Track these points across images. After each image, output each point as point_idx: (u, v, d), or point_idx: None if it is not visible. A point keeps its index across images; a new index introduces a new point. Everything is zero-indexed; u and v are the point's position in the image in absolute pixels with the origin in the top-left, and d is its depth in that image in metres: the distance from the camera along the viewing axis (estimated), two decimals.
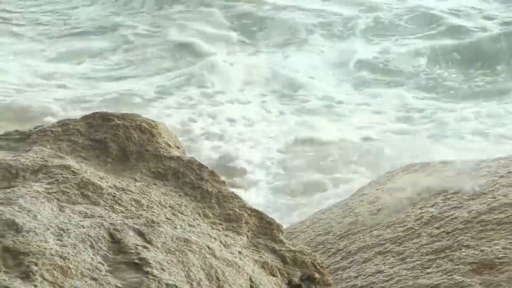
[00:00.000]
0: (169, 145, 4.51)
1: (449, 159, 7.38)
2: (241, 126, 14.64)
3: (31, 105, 15.60)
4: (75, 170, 4.18)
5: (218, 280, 3.79)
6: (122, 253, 3.72)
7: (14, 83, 17.02)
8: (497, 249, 4.50)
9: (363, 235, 5.00)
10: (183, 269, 3.74)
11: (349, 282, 4.64)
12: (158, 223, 3.96)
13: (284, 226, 5.28)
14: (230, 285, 3.80)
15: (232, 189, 4.52)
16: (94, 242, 3.73)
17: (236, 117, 15.05)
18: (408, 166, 5.89)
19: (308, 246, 4.75)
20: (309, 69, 18.46)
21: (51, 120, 13.48)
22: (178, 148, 4.62)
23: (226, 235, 4.12)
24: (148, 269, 3.66)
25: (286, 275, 4.10)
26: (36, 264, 3.51)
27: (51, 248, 3.60)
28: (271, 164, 12.86)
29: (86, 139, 4.48)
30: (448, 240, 4.67)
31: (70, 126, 4.56)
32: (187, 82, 17.24)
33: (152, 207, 4.09)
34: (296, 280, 4.10)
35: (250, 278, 3.91)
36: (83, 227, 3.78)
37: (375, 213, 5.18)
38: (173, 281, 3.64)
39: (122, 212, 4.00)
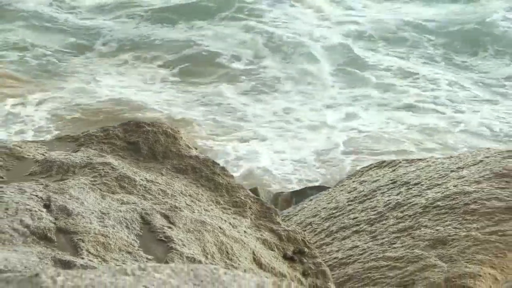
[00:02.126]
0: (189, 147, 4.52)
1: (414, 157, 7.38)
2: None
3: None
4: (114, 166, 4.18)
5: (228, 253, 3.80)
6: (151, 232, 3.74)
7: None
8: (449, 228, 4.49)
9: (342, 218, 4.98)
10: (199, 244, 3.76)
11: (331, 255, 4.63)
12: (180, 208, 3.97)
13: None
14: (237, 257, 3.81)
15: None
16: (129, 224, 3.75)
17: None
18: (379, 163, 5.87)
19: (299, 227, 4.74)
20: None
21: None
22: (196, 149, 4.62)
23: (234, 218, 4.12)
24: (172, 244, 3.68)
25: (281, 249, 4.10)
26: (83, 241, 3.53)
27: (94, 228, 3.62)
28: None
29: (123, 141, 4.48)
30: (410, 221, 4.66)
31: (110, 131, 4.55)
32: None
33: (175, 195, 4.10)
34: (289, 253, 4.09)
35: (253, 252, 3.92)
36: (120, 212, 3.80)
37: (352, 200, 5.17)
38: (192, 254, 3.66)
39: (151, 199, 4.00)
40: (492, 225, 4.43)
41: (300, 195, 6.94)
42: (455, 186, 4.81)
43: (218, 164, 4.45)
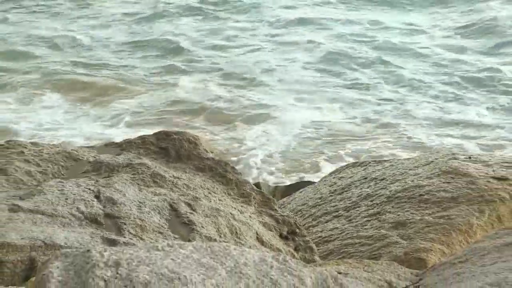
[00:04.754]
0: (207, 151, 4.51)
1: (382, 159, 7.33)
2: None
3: None
4: (149, 166, 4.18)
5: (237, 233, 3.79)
6: (177, 217, 3.73)
7: None
8: (407, 214, 4.48)
9: (325, 206, 4.97)
10: (215, 226, 3.75)
11: (317, 234, 4.62)
12: (200, 198, 3.96)
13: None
14: (244, 236, 3.80)
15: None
16: (160, 210, 3.74)
17: None
18: (353, 163, 5.86)
19: (292, 213, 4.73)
20: None
21: None
22: (212, 152, 4.61)
23: (241, 206, 4.12)
24: (194, 226, 3.67)
25: (278, 230, 4.09)
26: (125, 224, 3.52)
27: (134, 214, 3.61)
28: None
29: (156, 147, 4.47)
30: (377, 208, 4.65)
31: (146, 139, 4.55)
32: None
33: (196, 188, 4.09)
34: (284, 233, 4.08)
35: (256, 232, 3.92)
36: (154, 201, 3.79)
37: (333, 192, 5.16)
38: (209, 234, 3.65)
39: (177, 191, 4.00)
40: (440, 211, 4.42)
41: (292, 188, 6.91)
42: (412, 181, 4.81)
43: (229, 164, 4.44)
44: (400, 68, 13.84)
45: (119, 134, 11.03)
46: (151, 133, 4.68)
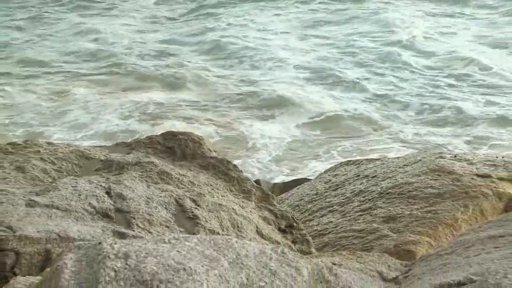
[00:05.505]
0: (210, 150, 4.50)
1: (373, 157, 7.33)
2: None
3: None
4: (156, 164, 4.17)
5: (238, 227, 3.78)
6: (183, 212, 3.73)
7: None
8: (397, 208, 4.47)
9: (320, 201, 4.96)
10: (218, 221, 3.74)
11: (313, 228, 4.61)
12: (204, 194, 3.95)
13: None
14: (245, 230, 3.79)
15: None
16: (167, 205, 3.73)
17: None
18: (347, 161, 5.84)
19: (289, 208, 4.73)
20: None
21: None
22: (215, 151, 4.61)
23: (242, 201, 4.11)
24: (198, 221, 3.66)
25: (277, 224, 4.09)
26: (134, 218, 3.51)
27: (142, 209, 3.60)
28: None
29: (162, 146, 4.47)
30: (369, 204, 4.64)
31: (153, 139, 4.55)
32: None
33: (200, 185, 4.09)
34: (282, 227, 4.08)
35: (256, 226, 3.91)
36: (161, 197, 3.78)
37: (328, 188, 5.15)
38: (212, 227, 3.64)
39: (183, 188, 3.99)
40: (428, 206, 4.41)
41: (290, 185, 6.90)
42: (402, 178, 4.80)
43: (231, 163, 4.44)
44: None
45: None
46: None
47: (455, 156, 5.03)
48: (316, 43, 15.75)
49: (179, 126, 11.33)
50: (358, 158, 8.12)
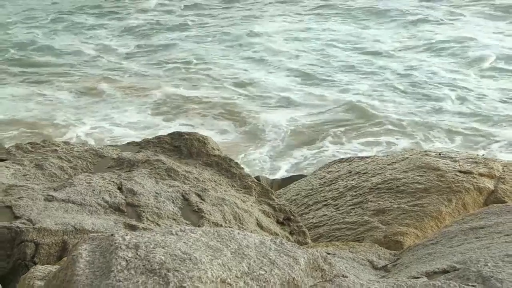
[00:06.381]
0: (214, 148, 4.51)
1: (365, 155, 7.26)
2: None
3: None
4: (164, 162, 4.17)
5: (240, 220, 3.78)
6: (188, 206, 3.73)
7: None
8: (386, 202, 4.46)
9: (316, 196, 4.95)
10: (221, 214, 3.74)
11: (309, 220, 4.60)
12: (208, 189, 3.95)
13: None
14: (246, 222, 3.79)
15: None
16: (174, 200, 3.73)
17: None
18: (340, 159, 5.83)
19: (287, 202, 4.72)
20: None
21: None
22: (218, 150, 4.61)
23: (243, 196, 4.11)
24: (203, 214, 3.66)
25: (275, 217, 4.09)
26: (143, 211, 3.51)
27: (151, 203, 3.60)
28: None
29: (170, 145, 4.47)
30: (361, 198, 4.63)
31: (161, 138, 4.55)
32: None
33: (204, 181, 4.09)
34: (281, 219, 4.08)
35: (257, 219, 3.91)
36: (168, 192, 3.78)
37: (322, 184, 5.14)
38: (216, 220, 3.64)
39: (189, 184, 3.99)
40: (414, 200, 4.40)
41: (288, 181, 6.89)
42: (390, 174, 4.79)
43: (233, 160, 4.44)
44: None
45: None
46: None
47: (439, 154, 5.03)
48: None
49: (194, 122, 10.96)
50: (350, 156, 8.10)
